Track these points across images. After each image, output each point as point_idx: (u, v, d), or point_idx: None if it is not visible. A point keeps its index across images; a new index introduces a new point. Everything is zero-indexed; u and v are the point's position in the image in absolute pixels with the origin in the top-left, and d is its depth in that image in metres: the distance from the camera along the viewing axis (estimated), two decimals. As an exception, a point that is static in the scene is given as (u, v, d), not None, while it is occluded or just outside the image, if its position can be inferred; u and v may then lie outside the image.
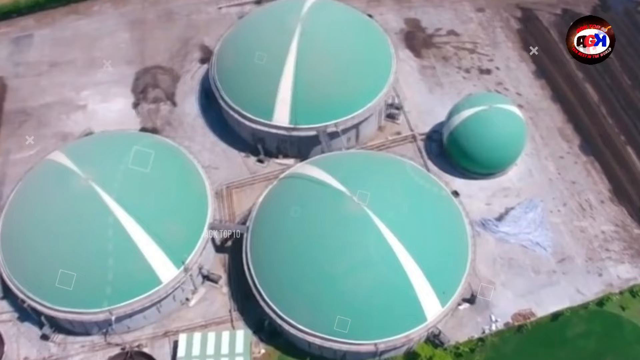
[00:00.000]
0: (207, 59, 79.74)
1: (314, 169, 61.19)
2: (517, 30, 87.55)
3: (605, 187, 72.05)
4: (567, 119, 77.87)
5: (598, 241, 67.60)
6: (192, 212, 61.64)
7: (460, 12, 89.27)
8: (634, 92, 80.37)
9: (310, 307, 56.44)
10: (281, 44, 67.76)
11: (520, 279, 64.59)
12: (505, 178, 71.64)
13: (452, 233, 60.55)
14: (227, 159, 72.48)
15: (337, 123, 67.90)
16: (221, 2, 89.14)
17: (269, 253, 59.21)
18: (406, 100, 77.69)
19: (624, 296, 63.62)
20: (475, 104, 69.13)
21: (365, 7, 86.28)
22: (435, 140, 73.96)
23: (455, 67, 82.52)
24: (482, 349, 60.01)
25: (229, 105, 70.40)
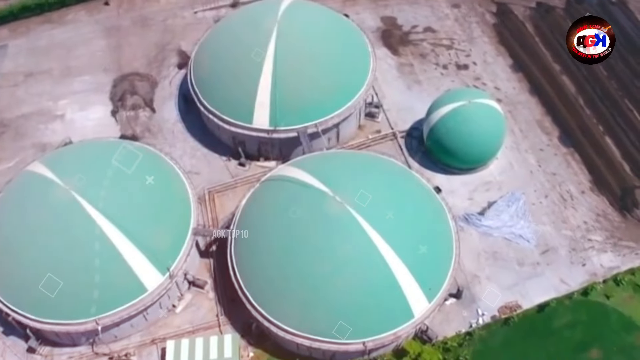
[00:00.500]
0: (184, 64, 79.50)
1: (295, 171, 61.14)
2: (492, 25, 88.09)
3: (585, 177, 72.67)
4: (546, 111, 78.48)
5: (580, 231, 68.14)
6: (175, 218, 61.37)
7: (436, 8, 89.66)
8: (610, 83, 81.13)
9: (297, 309, 56.40)
10: (258, 47, 67.56)
11: (505, 271, 64.99)
12: (487, 172, 72.06)
13: (436, 229, 60.75)
14: (209, 163, 72.28)
15: (317, 123, 67.92)
16: (197, 6, 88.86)
17: (253, 256, 59.06)
18: (385, 98, 77.90)
19: (608, 285, 64.19)
20: (454, 99, 69.42)
21: (341, 7, 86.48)
22: (415, 137, 74.20)
23: (432, 63, 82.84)
24: (469, 343, 60.27)
25: (208, 109, 70.19)
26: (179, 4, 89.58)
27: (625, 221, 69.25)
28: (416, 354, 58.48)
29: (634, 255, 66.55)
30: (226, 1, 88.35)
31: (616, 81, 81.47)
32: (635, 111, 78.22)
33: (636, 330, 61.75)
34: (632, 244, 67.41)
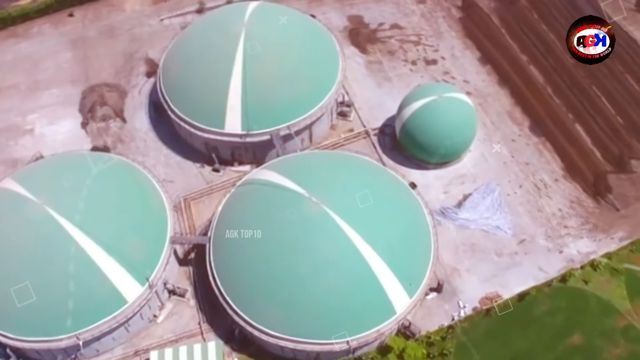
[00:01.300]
0: (153, 72, 79.09)
1: (270, 174, 61.05)
2: (459, 19, 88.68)
3: (558, 165, 73.42)
4: (515, 102, 79.17)
5: (556, 219, 68.86)
6: (152, 228, 60.96)
7: (402, 5, 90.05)
8: (577, 71, 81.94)
9: (280, 312, 56.29)
10: (227, 51, 67.43)
11: (484, 263, 65.51)
12: (461, 165, 72.52)
13: (413, 224, 61.00)
14: (182, 171, 71.89)
15: (289, 125, 67.88)
16: (163, 13, 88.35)
17: (233, 261, 58.85)
18: (356, 97, 78.10)
19: (586, 270, 64.94)
20: (424, 95, 69.80)
21: (307, 8, 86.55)
22: (388, 134, 74.47)
23: (401, 60, 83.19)
24: (453, 336, 60.57)
25: (180, 116, 69.82)
26: (145, 12, 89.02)
27: (599, 207, 70.08)
28: (400, 350, 58.65)
29: (610, 239, 67.41)
30: (192, 7, 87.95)
31: (583, 69, 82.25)
32: (603, 98, 79.20)
33: (615, 313, 62.56)
34: (607, 229, 68.24)
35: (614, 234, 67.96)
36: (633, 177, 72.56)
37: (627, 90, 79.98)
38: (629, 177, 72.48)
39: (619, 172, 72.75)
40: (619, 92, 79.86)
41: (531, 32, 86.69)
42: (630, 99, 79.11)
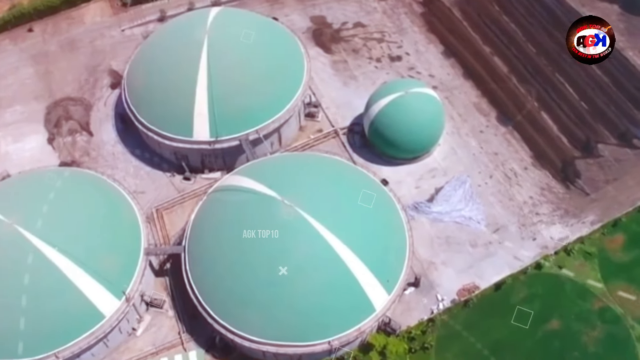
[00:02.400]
0: (117, 84, 78.32)
1: (241, 179, 60.86)
2: (420, 14, 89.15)
3: (526, 154, 74.16)
4: (481, 93, 79.82)
5: (528, 207, 69.53)
6: (126, 241, 60.41)
7: (363, 3, 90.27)
8: (540, 59, 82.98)
9: (259, 316, 56.11)
10: (191, 59, 67.06)
11: (460, 255, 65.96)
12: (431, 159, 72.91)
13: (387, 221, 61.23)
14: (153, 181, 71.34)
15: (258, 129, 67.72)
16: (124, 24, 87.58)
17: (209, 269, 58.57)
18: (323, 97, 78.16)
19: (560, 256, 65.85)
20: (391, 91, 70.09)
21: (269, 11, 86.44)
22: (357, 132, 74.64)
23: (366, 58, 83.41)
24: (433, 329, 60.97)
25: (147, 127, 69.30)
26: (105, 24, 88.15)
27: (569, 192, 70.93)
28: (382, 347, 58.95)
29: (581, 224, 68.26)
30: (153, 16, 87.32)
31: (545, 57, 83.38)
32: (566, 84, 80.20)
33: (591, 296, 63.50)
34: (578, 214, 69.08)
35: (585, 218, 68.83)
36: (600, 161, 73.58)
37: (590, 77, 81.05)
38: (596, 162, 73.49)
39: (586, 157, 73.74)
40: (582, 78, 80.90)
41: (493, 24, 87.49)
42: (594, 85, 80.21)
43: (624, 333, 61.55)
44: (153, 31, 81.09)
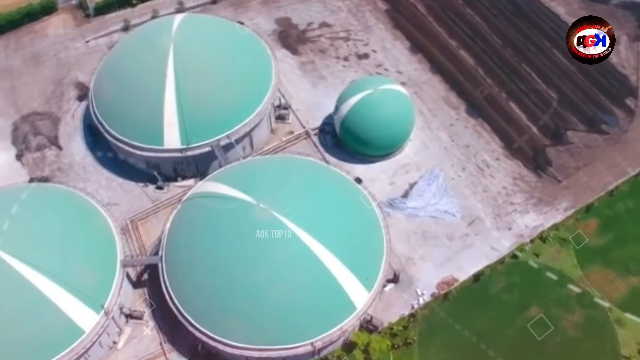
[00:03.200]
0: (84, 96, 77.44)
1: (215, 185, 60.59)
2: (385, 11, 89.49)
3: (497, 145, 74.74)
4: (450, 87, 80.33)
5: (501, 197, 70.07)
6: (101, 254, 59.73)
7: (328, 3, 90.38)
8: (506, 50, 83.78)
9: (241, 322, 55.84)
10: (157, 67, 66.56)
11: (437, 248, 66.26)
12: (403, 155, 73.18)
13: (363, 219, 61.28)
14: (126, 192, 70.65)
15: (229, 134, 67.43)
16: (88, 35, 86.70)
17: (188, 277, 58.15)
18: (292, 99, 78.04)
19: (535, 244, 66.49)
20: (360, 89, 70.25)
21: (234, 15, 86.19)
22: (328, 132, 74.66)
23: (333, 57, 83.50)
24: (414, 324, 61.16)
25: (117, 138, 68.64)
26: (69, 36, 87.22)
27: (541, 180, 71.62)
28: (365, 344, 58.96)
29: (555, 211, 68.96)
30: (117, 26, 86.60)
31: (511, 48, 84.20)
32: (533, 74, 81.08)
33: (568, 281, 64.25)
34: (551, 201, 69.76)
35: (559, 205, 69.55)
36: (570, 147, 74.43)
37: (556, 65, 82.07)
38: (566, 149, 74.33)
39: (556, 145, 74.57)
40: (548, 67, 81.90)
41: (457, 18, 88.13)
42: (560, 73, 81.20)
43: (603, 316, 62.30)
44: (118, 41, 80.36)
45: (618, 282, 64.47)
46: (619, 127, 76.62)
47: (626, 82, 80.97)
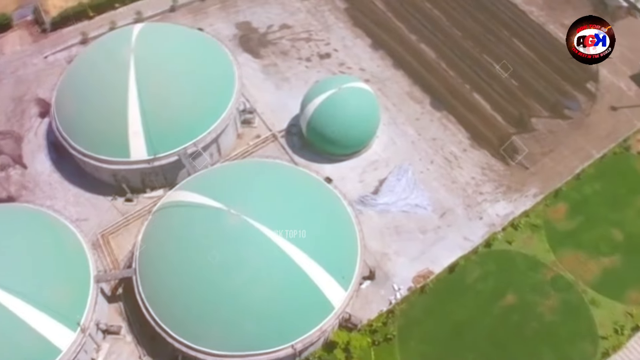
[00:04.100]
0: (46, 112, 76.30)
1: (185, 194, 60.20)
2: (344, 10, 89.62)
3: (463, 136, 75.35)
4: (413, 82, 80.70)
5: (471, 187, 70.65)
6: (73, 271, 58.83)
7: (287, 4, 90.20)
8: (466, 42, 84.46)
9: (220, 330, 55.57)
10: (118, 78, 65.79)
11: (411, 243, 66.57)
12: (371, 152, 73.39)
13: (335, 218, 61.34)
14: (95, 207, 69.74)
15: (195, 142, 66.97)
16: (45, 50, 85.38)
17: (163, 288, 57.69)
18: (257, 102, 77.72)
19: (507, 231, 67.15)
20: (324, 89, 70.28)
21: (193, 22, 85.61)
22: (295, 133, 74.55)
23: (295, 58, 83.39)
24: (393, 320, 61.35)
25: (82, 152, 67.74)
26: (27, 52, 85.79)
27: (509, 168, 72.41)
28: (345, 343, 59.00)
29: (524, 197, 69.76)
30: (75, 39, 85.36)
31: (471, 39, 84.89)
32: (494, 64, 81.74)
33: (542, 266, 65.00)
34: (520, 188, 70.51)
35: (528, 191, 70.33)
36: (535, 134, 75.36)
37: (516, 53, 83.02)
38: (532, 135, 75.22)
39: (521, 132, 75.40)
40: (509, 56, 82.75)
41: (416, 12, 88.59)
42: (521, 61, 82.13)
43: (577, 298, 63.10)
44: (77, 55, 79.33)
45: (590, 263, 65.37)
46: (581, 111, 77.77)
47: (586, 66, 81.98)
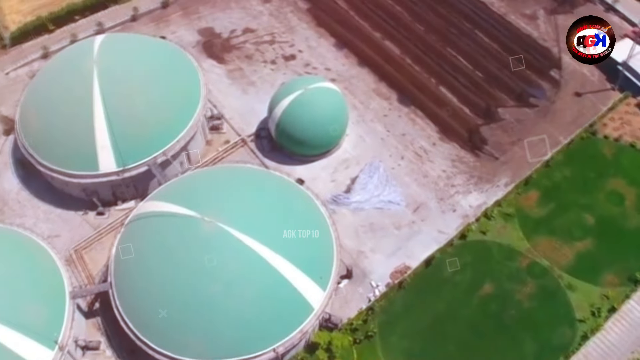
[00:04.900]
0: (11, 129, 75.00)
1: (157, 204, 59.75)
2: (307, 10, 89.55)
3: (432, 130, 75.74)
4: (379, 78, 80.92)
5: (442, 180, 71.04)
6: (48, 288, 58.15)
7: (248, 8, 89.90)
8: (430, 36, 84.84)
9: (200, 338, 55.14)
10: (83, 91, 65.10)
11: (386, 239, 66.79)
12: (341, 151, 73.48)
13: (310, 219, 61.24)
14: (66, 222, 68.86)
15: (164, 151, 66.52)
16: (6, 66, 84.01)
17: (141, 300, 57.16)
18: (224, 108, 77.36)
19: (481, 222, 67.63)
20: (290, 91, 70.26)
21: (155, 31, 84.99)
22: (264, 137, 74.35)
23: (260, 62, 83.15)
24: (373, 317, 61.44)
25: (50, 168, 66.89)
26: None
27: (479, 159, 72.92)
28: (327, 343, 59.05)
29: (496, 187, 70.35)
30: (36, 54, 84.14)
31: (434, 34, 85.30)
32: (459, 57, 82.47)
33: (517, 254, 65.61)
34: (491, 178, 71.05)
35: (499, 181, 70.96)
36: (503, 124, 76.05)
37: (480, 45, 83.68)
38: (499, 125, 75.91)
39: (489, 123, 76.07)
40: (472, 48, 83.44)
41: (379, 9, 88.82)
42: (485, 53, 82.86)
43: (554, 283, 63.79)
44: (39, 70, 78.32)
45: (564, 249, 66.08)
46: (546, 99, 78.59)
47: (549, 54, 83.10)
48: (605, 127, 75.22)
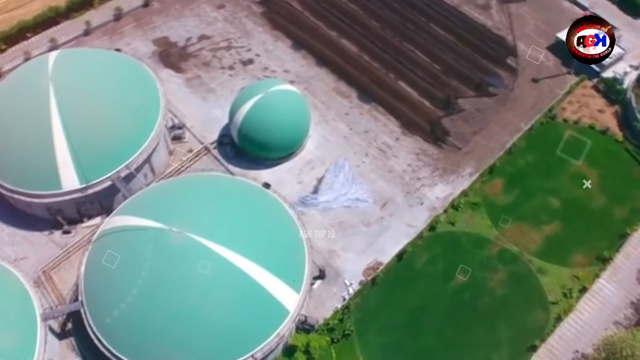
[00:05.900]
0: (-32, 153, 73.71)
1: (123, 218, 59.08)
2: (261, 14, 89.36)
3: (394, 125, 76.10)
4: (338, 77, 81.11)
5: (408, 174, 71.42)
6: (18, 312, 57.16)
7: (202, 15, 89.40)
8: (386, 32, 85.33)
9: (178, 350, 54.55)
10: (40, 109, 64.12)
11: (356, 237, 66.93)
12: (305, 152, 73.51)
13: (278, 223, 61.20)
14: (32, 244, 67.67)
15: (127, 164, 65.82)
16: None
17: (114, 317, 56.25)
18: (185, 116, 76.80)
19: (449, 213, 68.17)
20: (250, 95, 70.10)
21: (109, 44, 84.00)
22: (227, 143, 74.00)
23: (218, 68, 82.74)
24: (349, 315, 61.51)
25: (11, 189, 65.81)
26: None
27: (443, 151, 73.44)
28: (305, 345, 58.95)
29: (461, 178, 70.93)
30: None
31: (390, 29, 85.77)
32: (416, 51, 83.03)
33: (486, 242, 66.33)
34: (455, 169, 71.61)
35: (463, 171, 71.58)
36: (464, 114, 76.75)
37: (436, 38, 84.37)
38: (460, 116, 76.58)
39: (450, 114, 76.64)
40: (429, 41, 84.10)
41: (333, 8, 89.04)
42: (441, 45, 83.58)
43: (525, 268, 64.62)
44: (-8, 90, 77.08)
45: (532, 233, 66.95)
46: (505, 87, 79.53)
47: (504, 43, 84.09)
48: (564, 111, 76.42)
